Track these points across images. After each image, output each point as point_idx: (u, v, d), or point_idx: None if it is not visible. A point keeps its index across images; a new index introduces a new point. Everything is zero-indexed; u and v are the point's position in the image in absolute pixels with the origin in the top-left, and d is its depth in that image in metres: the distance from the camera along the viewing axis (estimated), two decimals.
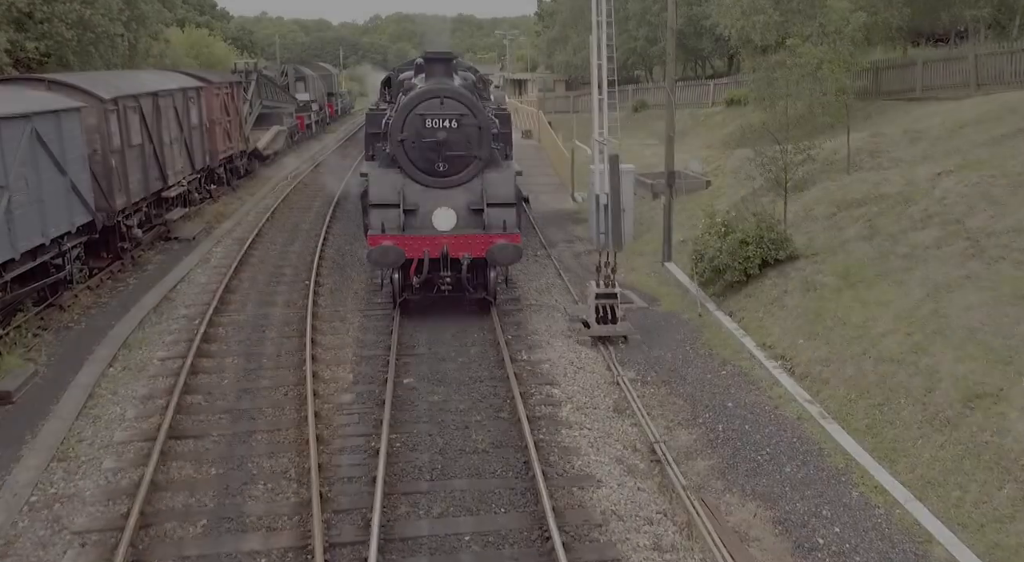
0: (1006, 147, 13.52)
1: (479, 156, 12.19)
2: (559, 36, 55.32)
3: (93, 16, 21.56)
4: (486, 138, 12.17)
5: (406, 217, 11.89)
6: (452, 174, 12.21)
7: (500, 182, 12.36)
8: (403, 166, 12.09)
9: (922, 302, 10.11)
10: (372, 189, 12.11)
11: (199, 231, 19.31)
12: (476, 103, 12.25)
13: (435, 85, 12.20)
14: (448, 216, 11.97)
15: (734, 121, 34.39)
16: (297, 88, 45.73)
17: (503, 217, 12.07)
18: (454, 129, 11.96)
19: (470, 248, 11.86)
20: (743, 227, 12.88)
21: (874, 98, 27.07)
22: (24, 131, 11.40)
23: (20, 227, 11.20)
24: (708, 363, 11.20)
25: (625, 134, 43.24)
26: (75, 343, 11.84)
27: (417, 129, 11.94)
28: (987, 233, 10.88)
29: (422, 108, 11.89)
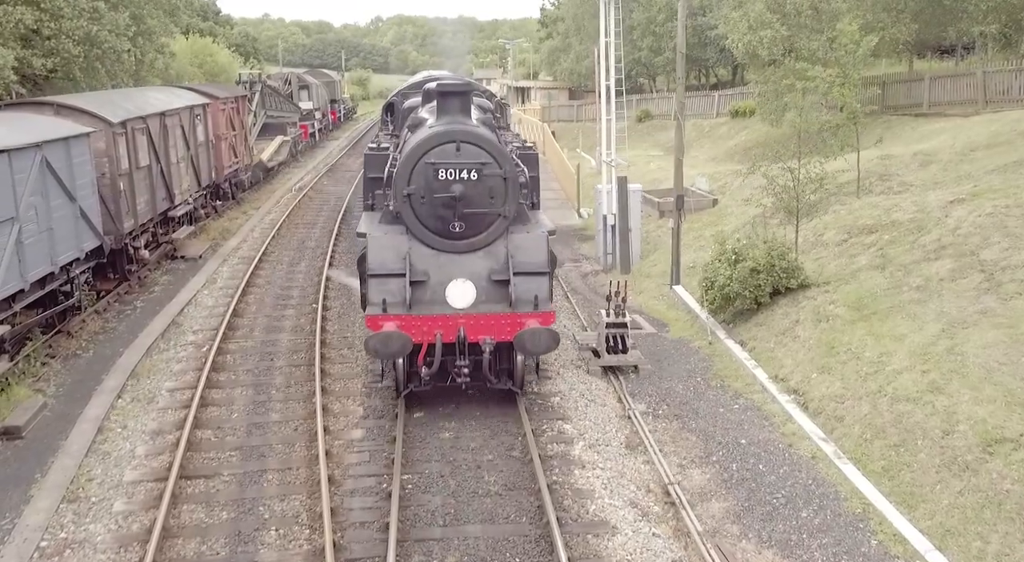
0: (1019, 175, 13.45)
1: (504, 214, 9.82)
2: (562, 45, 55.33)
3: (100, 32, 21.50)
4: (512, 191, 9.83)
5: (413, 290, 9.58)
6: (470, 236, 9.84)
7: (529, 244, 9.99)
8: (410, 226, 9.79)
9: (937, 338, 10.04)
10: (371, 254, 9.76)
11: (205, 249, 19.26)
12: (500, 148, 9.86)
13: (449, 125, 9.82)
14: (465, 290, 9.68)
15: (739, 133, 34.39)
16: (301, 96, 45.79)
17: (534, 289, 9.71)
18: (473, 181, 9.63)
19: (493, 330, 9.51)
20: (753, 254, 12.81)
21: (880, 113, 27.06)
22: (34, 160, 11.36)
23: (30, 257, 11.16)
24: (720, 396, 11.12)
25: (629, 144, 43.35)
26: (84, 372, 11.79)
27: (427, 181, 9.62)
28: (1002, 266, 10.80)
29: (434, 155, 9.59)
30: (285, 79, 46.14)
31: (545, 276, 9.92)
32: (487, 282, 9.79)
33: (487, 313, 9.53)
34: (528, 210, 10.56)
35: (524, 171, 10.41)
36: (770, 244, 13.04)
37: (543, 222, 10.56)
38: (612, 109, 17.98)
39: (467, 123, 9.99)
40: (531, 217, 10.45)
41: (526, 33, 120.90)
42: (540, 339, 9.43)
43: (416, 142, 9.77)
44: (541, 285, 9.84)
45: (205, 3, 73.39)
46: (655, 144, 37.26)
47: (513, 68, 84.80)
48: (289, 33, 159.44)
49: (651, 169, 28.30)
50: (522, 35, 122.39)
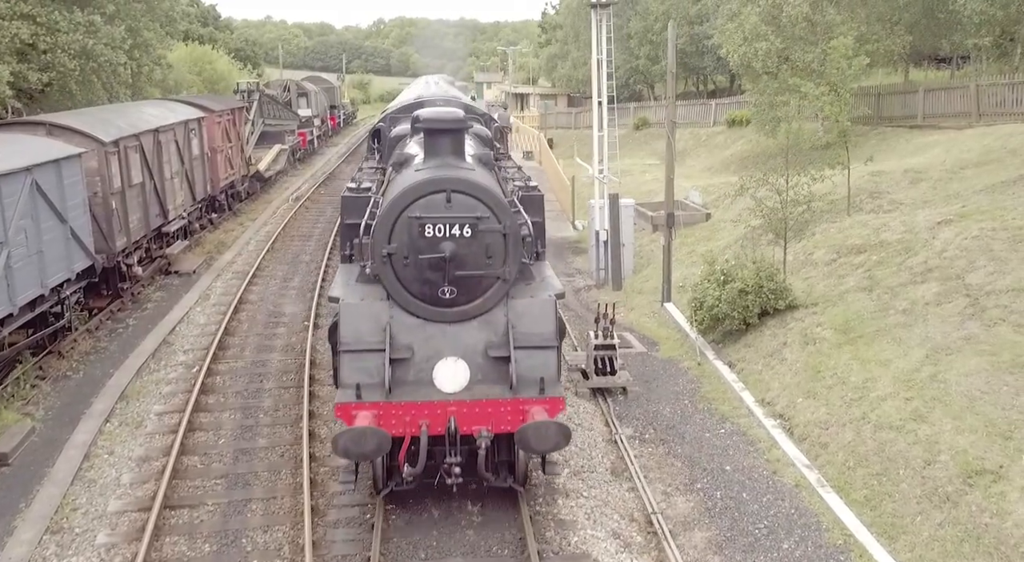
0: (1007, 195, 13.48)
1: (503, 276, 8.19)
2: (560, 52, 55.43)
3: (96, 46, 21.59)
4: (514, 248, 8.21)
5: (394, 369, 7.92)
6: (463, 302, 8.20)
7: (534, 312, 8.35)
8: (391, 291, 8.15)
9: (922, 364, 10.06)
10: (345, 325, 8.12)
11: (199, 264, 19.32)
12: (499, 198, 8.24)
13: (437, 171, 8.21)
14: (457, 370, 8.01)
15: (736, 143, 34.44)
16: (299, 104, 45.83)
17: (539, 368, 8.07)
18: (466, 239, 7.99)
19: (490, 419, 7.92)
20: (742, 275, 12.84)
21: (876, 124, 27.11)
22: (24, 184, 11.42)
23: (19, 281, 11.21)
24: (707, 420, 11.15)
25: (625, 153, 43.40)
26: (73, 394, 11.84)
27: (412, 239, 7.97)
28: (987, 291, 10.83)
29: (419, 208, 7.94)
30: (284, 86, 46.19)
31: (553, 350, 8.27)
32: (483, 358, 8.12)
33: (483, 399, 7.91)
34: (533, 267, 8.85)
35: (527, 221, 8.75)
36: (759, 264, 13.07)
37: (550, 280, 8.94)
38: (604, 125, 18.02)
39: (460, 166, 8.42)
40: (535, 274, 8.81)
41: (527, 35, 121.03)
42: (547, 435, 7.68)
43: (398, 192, 8.14)
44: (548, 362, 8.18)
45: (205, 9, 73.63)
46: (652, 153, 37.27)
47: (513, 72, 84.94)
48: (291, 35, 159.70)
49: (646, 180, 28.32)
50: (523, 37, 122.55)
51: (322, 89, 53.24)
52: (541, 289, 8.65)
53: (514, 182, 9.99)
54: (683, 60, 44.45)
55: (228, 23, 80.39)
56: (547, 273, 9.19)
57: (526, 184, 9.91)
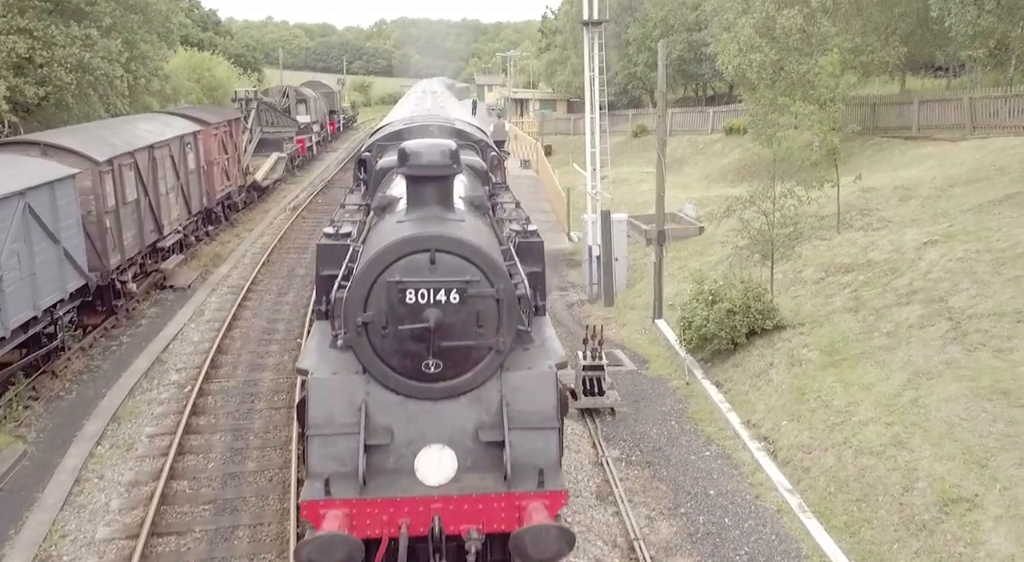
0: (992, 215, 13.57)
1: (496, 347, 7.07)
2: (559, 58, 55.57)
3: (92, 59, 21.74)
4: (509, 315, 7.08)
5: (371, 456, 6.86)
6: (450, 377, 7.08)
7: (532, 387, 7.25)
8: (367, 365, 7.05)
9: (903, 389, 10.16)
10: (313, 403, 7.04)
11: (195, 278, 19.43)
12: (492, 258, 7.07)
13: (420, 227, 7.14)
14: (443, 459, 6.95)
15: (733, 151, 34.55)
16: (298, 110, 45.96)
17: (538, 455, 7.00)
18: (454, 306, 6.90)
19: (481, 517, 6.82)
20: (730, 295, 12.94)
21: (871, 134, 27.21)
22: (17, 208, 11.54)
23: (11, 304, 11.33)
24: (693, 442, 11.25)
25: (623, 160, 43.52)
26: (65, 415, 11.96)
27: (391, 306, 6.87)
28: (969, 315, 10.92)
29: (399, 270, 6.85)
30: (282, 93, 46.30)
31: (554, 432, 7.14)
32: (473, 442, 7.02)
33: (473, 494, 6.81)
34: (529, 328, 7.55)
35: (523, 280, 7.56)
36: (747, 284, 13.18)
37: (550, 344, 7.75)
38: (597, 142, 18.14)
39: (447, 218, 7.33)
40: (534, 335, 7.62)
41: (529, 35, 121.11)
42: (546, 541, 6.57)
43: (374, 252, 6.98)
44: (548, 446, 7.08)
45: (204, 13, 73.89)
46: (650, 160, 37.26)
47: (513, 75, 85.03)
48: (292, 36, 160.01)
49: (642, 191, 28.38)
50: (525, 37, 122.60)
51: (321, 94, 53.37)
52: (540, 357, 7.48)
53: (511, 225, 8.96)
54: (681, 67, 44.60)
55: (228, 28, 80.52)
56: (547, 333, 8.02)
57: (524, 228, 8.87)
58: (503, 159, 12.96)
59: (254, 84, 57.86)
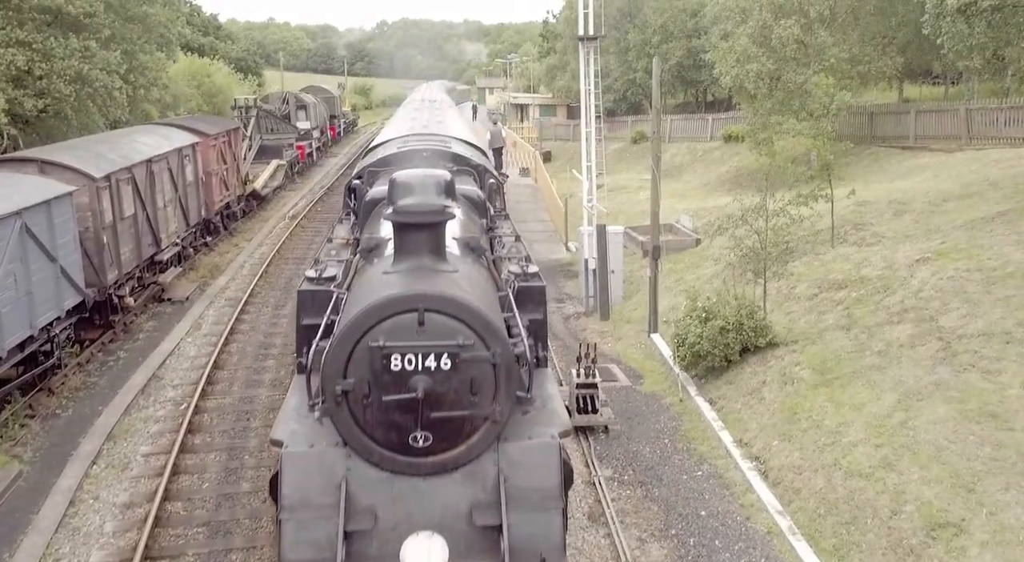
0: (984, 232, 13.62)
1: (493, 417, 6.40)
2: (559, 63, 55.65)
3: (91, 71, 21.83)
4: (507, 380, 6.38)
5: (351, 543, 6.18)
6: (441, 451, 6.38)
7: (533, 460, 6.57)
8: (347, 438, 6.36)
9: (893, 410, 10.21)
10: (288, 481, 6.35)
11: (192, 290, 19.51)
12: (487, 319, 6.34)
13: (408, 279, 6.49)
14: (432, 549, 6.21)
15: (732, 159, 34.59)
16: (298, 116, 46.03)
17: (539, 539, 6.33)
18: (445, 372, 6.19)
19: None
20: (723, 313, 12.99)
21: (868, 143, 27.27)
22: (13, 229, 11.62)
23: (7, 325, 11.41)
24: (685, 461, 11.30)
25: (623, 167, 43.47)
26: (61, 434, 12.03)
27: (374, 374, 6.16)
28: (959, 335, 10.97)
29: (382, 333, 6.12)
30: (283, 99, 46.38)
31: (557, 512, 6.44)
32: (467, 525, 6.30)
33: None
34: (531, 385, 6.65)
35: (523, 337, 6.77)
36: (740, 301, 13.23)
37: (552, 406, 7.04)
38: (593, 156, 18.21)
39: (438, 270, 6.61)
40: (535, 394, 6.74)
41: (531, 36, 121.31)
42: None
43: (355, 313, 6.23)
44: (551, 529, 6.37)
45: (205, 19, 74.04)
46: (648, 167, 37.42)
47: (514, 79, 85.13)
48: (294, 37, 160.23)
49: (640, 199, 28.40)
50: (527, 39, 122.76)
51: (321, 99, 53.48)
52: (542, 422, 6.75)
53: (510, 266, 8.27)
54: (681, 73, 44.70)
55: (229, 32, 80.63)
56: (549, 390, 7.29)
57: (524, 270, 8.07)
58: (502, 183, 12.20)
59: (254, 90, 58.00)
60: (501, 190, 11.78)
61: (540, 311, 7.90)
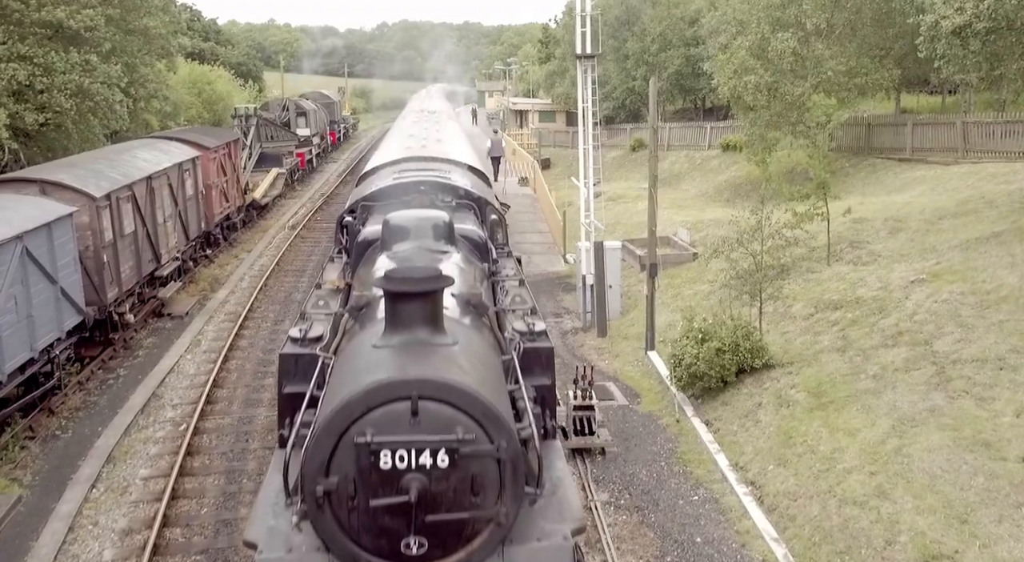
0: (979, 253, 13.69)
1: (498, 519, 5.62)
2: (559, 69, 55.76)
3: (92, 85, 21.91)
4: (513, 477, 5.64)
5: None
6: (437, 557, 5.63)
7: None
8: (329, 544, 5.58)
9: (887, 436, 10.28)
10: None
11: (192, 305, 19.58)
12: (491, 408, 5.57)
13: (399, 360, 5.77)
14: None
15: (730, 168, 34.69)
16: (298, 123, 46.15)
17: None
18: (443, 470, 5.42)
19: None
20: (720, 334, 13.07)
21: (866, 154, 27.36)
22: (14, 253, 11.69)
23: (8, 348, 11.48)
24: (681, 485, 11.37)
25: (621, 175, 43.47)
26: (61, 456, 12.10)
27: (360, 473, 5.41)
28: (952, 359, 11.05)
29: (370, 425, 5.38)
30: (282, 105, 46.46)
31: None
32: None
33: None
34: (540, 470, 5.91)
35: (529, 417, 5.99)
36: (736, 322, 13.30)
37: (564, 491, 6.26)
38: (591, 172, 18.29)
39: (433, 345, 5.88)
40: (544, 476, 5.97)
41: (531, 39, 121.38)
42: None
43: (338, 404, 5.47)
44: None
45: (206, 24, 74.20)
46: (647, 176, 37.54)
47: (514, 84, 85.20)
48: (294, 38, 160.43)
49: (638, 210, 28.43)
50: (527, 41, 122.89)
51: (321, 105, 53.63)
52: (552, 517, 5.95)
53: (514, 322, 7.31)
54: (679, 82, 44.84)
55: (228, 37, 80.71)
56: (559, 468, 6.53)
57: (530, 328, 7.17)
58: (504, 215, 11.39)
59: (254, 97, 58.11)
60: (504, 223, 11.15)
61: (548, 375, 7.16)
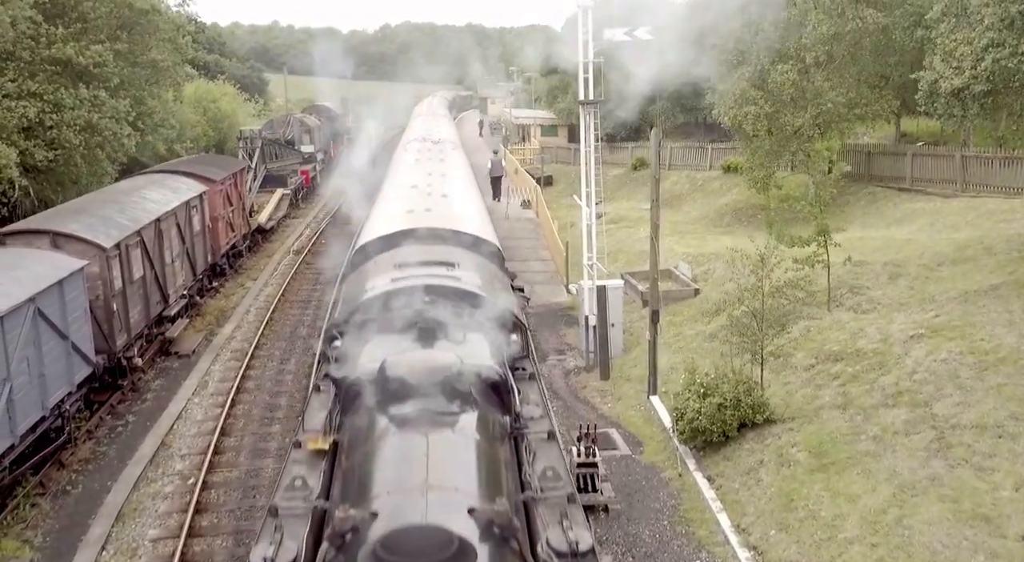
0: (977, 307, 13.84)
1: None
2: (561, 84, 55.96)
3: (101, 120, 22.13)
4: None
5: None
6: None
7: None
8: None
9: (888, 505, 10.43)
10: None
11: (199, 342, 19.75)
12: None
13: None
14: None
15: (731, 190, 34.86)
16: (303, 140, 46.38)
17: None
18: None
19: None
20: (722, 389, 13.23)
21: (866, 181, 27.53)
22: (26, 316, 11.88)
23: (20, 410, 11.65)
24: (684, 547, 11.52)
25: (623, 195, 43.52)
26: (71, 514, 12.27)
27: None
28: (952, 424, 11.20)
29: None
30: (286, 122, 46.66)
31: None
32: None
33: None
34: None
35: None
36: (739, 377, 13.47)
37: None
38: (593, 214, 18.47)
39: None
40: None
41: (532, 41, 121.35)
42: None
43: None
44: None
45: (210, 36, 74.48)
46: (648, 197, 37.67)
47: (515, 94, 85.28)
48: (297, 40, 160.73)
49: (640, 236, 28.55)
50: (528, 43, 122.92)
51: (326, 119, 53.86)
52: None
53: (550, 529, 5.58)
54: (681, 101, 44.98)
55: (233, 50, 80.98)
56: None
57: (574, 546, 5.33)
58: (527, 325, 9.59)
59: (259, 111, 58.26)
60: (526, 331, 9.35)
61: None
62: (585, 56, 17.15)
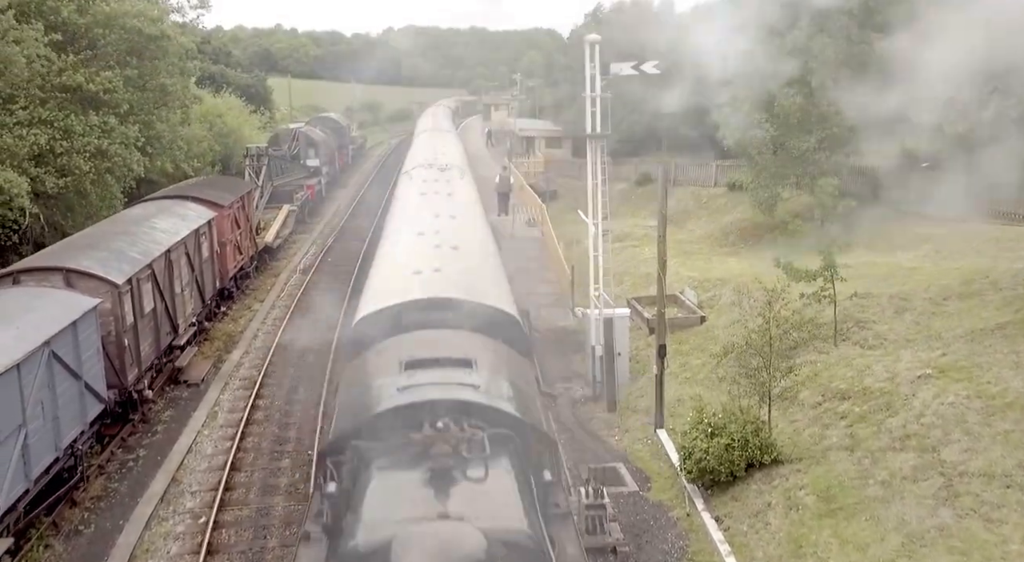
0: (984, 347, 13.89)
1: None
2: (566, 95, 56.11)
3: (111, 146, 22.31)
4: None
5: None
6: None
7: None
8: None
9: (898, 554, 10.50)
10: None
11: (207, 370, 19.86)
12: None
13: None
14: None
15: (736, 208, 34.90)
16: (308, 154, 46.55)
17: None
18: None
19: None
20: (729, 429, 13.31)
21: (872, 202, 27.56)
22: (41, 360, 12.00)
23: (35, 453, 11.77)
24: None
25: (627, 211, 43.54)
26: (84, 555, 12.38)
27: None
28: (960, 471, 11.26)
29: None
30: (292, 136, 46.83)
31: None
32: None
33: None
34: None
35: None
36: (746, 416, 13.55)
37: None
38: (600, 245, 18.57)
39: None
40: None
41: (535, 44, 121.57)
42: None
43: None
44: None
45: (216, 47, 74.78)
46: (653, 213, 37.68)
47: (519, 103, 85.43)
48: (300, 44, 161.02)
49: (646, 257, 28.65)
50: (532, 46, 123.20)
51: (331, 130, 54.08)
52: None
53: None
54: (684, 117, 45.12)
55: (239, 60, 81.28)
56: None
57: None
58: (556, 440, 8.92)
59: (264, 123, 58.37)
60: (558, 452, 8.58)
61: None
62: (593, 90, 17.26)
